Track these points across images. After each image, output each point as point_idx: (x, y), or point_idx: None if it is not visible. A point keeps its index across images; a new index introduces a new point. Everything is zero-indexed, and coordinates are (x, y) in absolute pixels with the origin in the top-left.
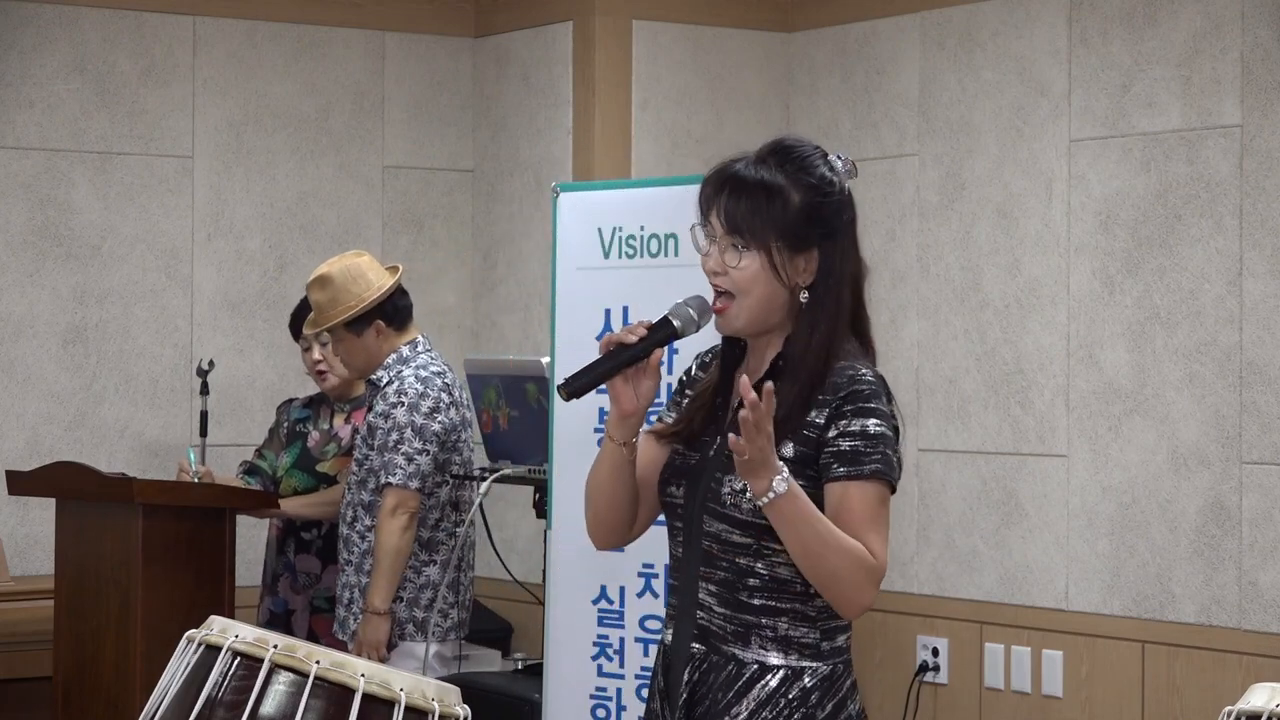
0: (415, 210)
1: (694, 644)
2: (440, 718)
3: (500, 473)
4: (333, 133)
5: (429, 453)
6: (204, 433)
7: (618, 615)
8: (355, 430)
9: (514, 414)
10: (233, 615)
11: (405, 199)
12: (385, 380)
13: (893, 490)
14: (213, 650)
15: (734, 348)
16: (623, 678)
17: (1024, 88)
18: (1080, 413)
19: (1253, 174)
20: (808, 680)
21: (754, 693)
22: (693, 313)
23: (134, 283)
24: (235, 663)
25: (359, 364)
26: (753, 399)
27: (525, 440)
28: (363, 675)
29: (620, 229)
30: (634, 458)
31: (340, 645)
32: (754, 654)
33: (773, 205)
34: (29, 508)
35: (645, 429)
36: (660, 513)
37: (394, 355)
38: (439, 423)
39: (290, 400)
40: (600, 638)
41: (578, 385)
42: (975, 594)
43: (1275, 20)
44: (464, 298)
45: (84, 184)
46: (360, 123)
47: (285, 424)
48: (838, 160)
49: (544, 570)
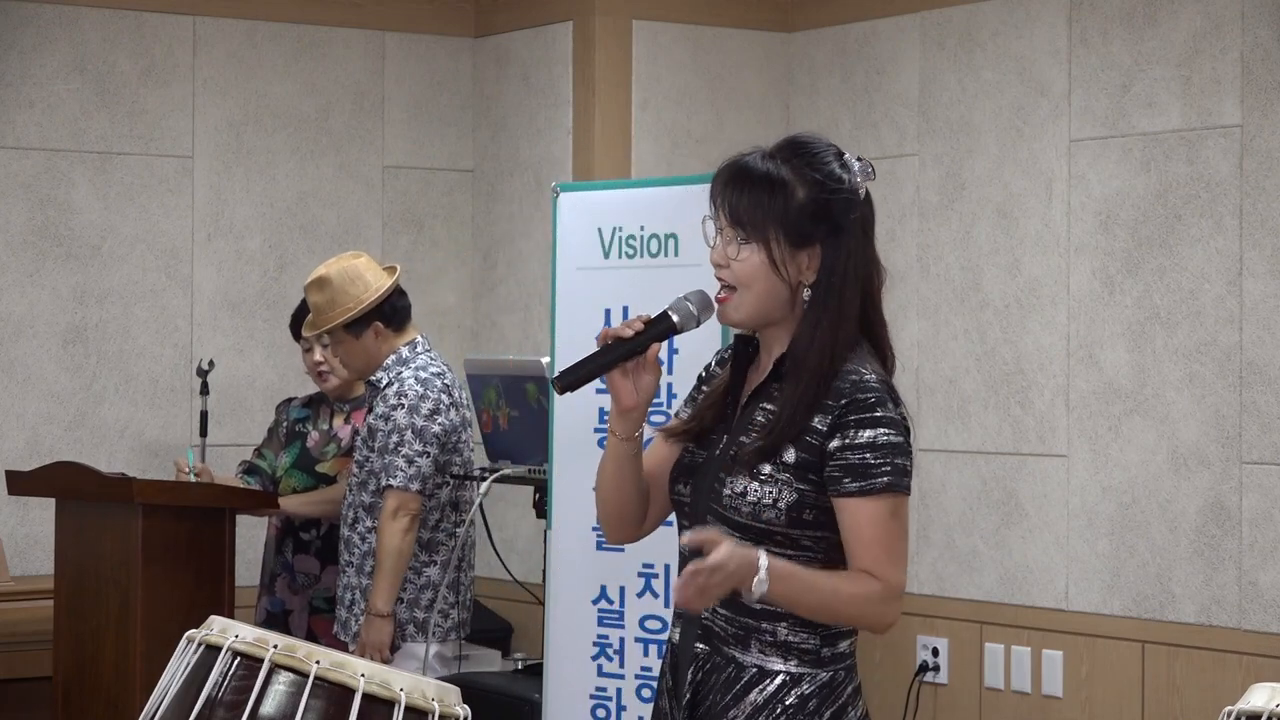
0: (415, 210)
1: (698, 644)
2: (440, 718)
3: (500, 473)
4: (333, 133)
5: (429, 455)
6: (204, 433)
7: (618, 615)
8: (355, 431)
9: (514, 414)
10: (232, 615)
11: (405, 199)
12: (385, 381)
13: (908, 494)
14: (213, 650)
15: (746, 346)
16: (623, 678)
17: (1024, 88)
18: (1080, 413)
19: (1253, 174)
20: (806, 687)
21: (751, 697)
22: (692, 308)
23: (134, 283)
24: (235, 663)
25: (358, 365)
26: (690, 570)
27: (525, 440)
28: (363, 675)
29: (620, 229)
30: (637, 453)
31: (340, 646)
32: (754, 658)
33: (775, 199)
34: (29, 508)
35: (657, 427)
36: (672, 510)
37: (393, 356)
38: (439, 424)
39: (289, 400)
40: (600, 638)
41: (572, 378)
42: (975, 594)
43: (1275, 20)
44: (464, 298)
45: (84, 184)
46: (360, 123)
47: (284, 423)
48: (855, 161)
49: (544, 570)
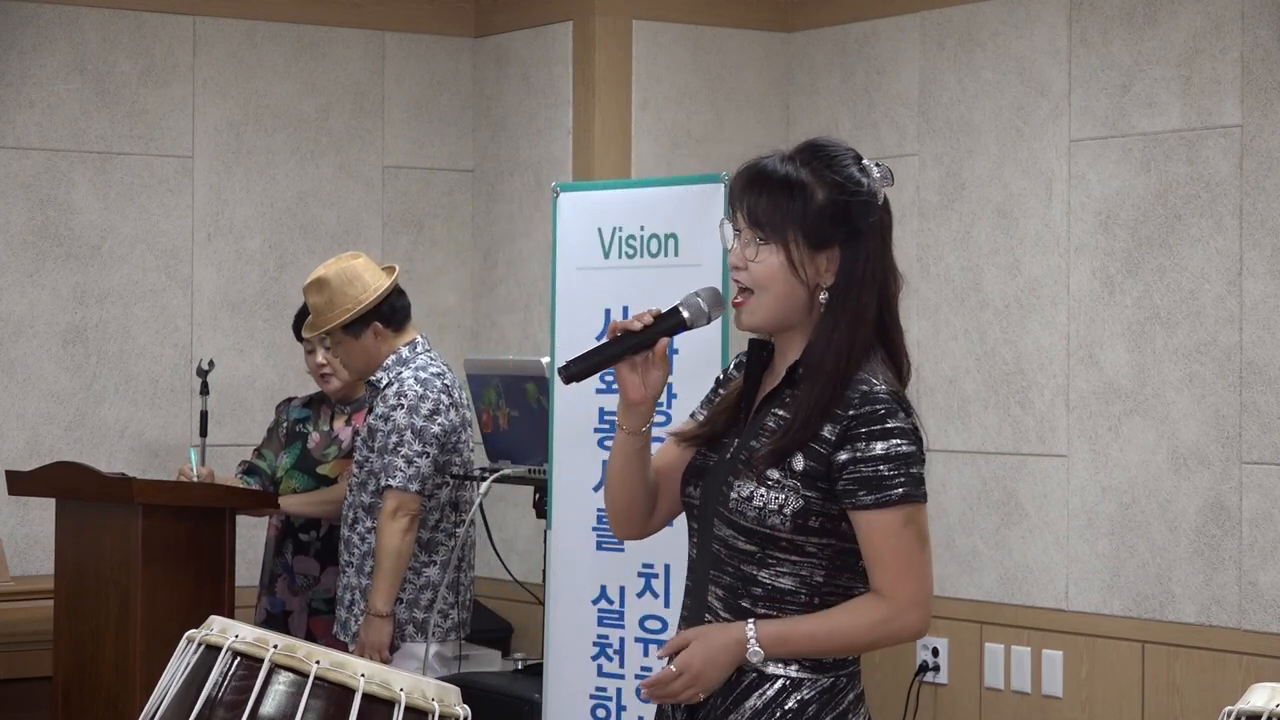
0: (415, 210)
1: None
2: (440, 718)
3: (500, 473)
4: (333, 133)
5: (429, 455)
6: (204, 433)
7: (618, 615)
8: (355, 432)
9: (514, 414)
10: (232, 615)
11: (405, 199)
12: (384, 382)
13: (923, 502)
14: (213, 650)
15: (761, 351)
16: (623, 678)
17: (1024, 88)
18: (1080, 413)
19: (1253, 174)
20: (806, 692)
21: (751, 701)
22: (703, 304)
23: (134, 283)
24: (235, 663)
25: (358, 366)
26: (650, 683)
27: (525, 440)
28: (363, 675)
29: (620, 229)
30: (644, 448)
31: (340, 646)
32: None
33: (794, 201)
34: (29, 508)
35: (670, 429)
36: (682, 510)
37: (393, 356)
38: (438, 425)
39: (290, 399)
40: (600, 638)
41: (577, 369)
42: (975, 594)
43: (1275, 20)
44: (464, 298)
45: (84, 184)
46: (360, 123)
47: (284, 424)
48: (874, 166)
49: (544, 570)
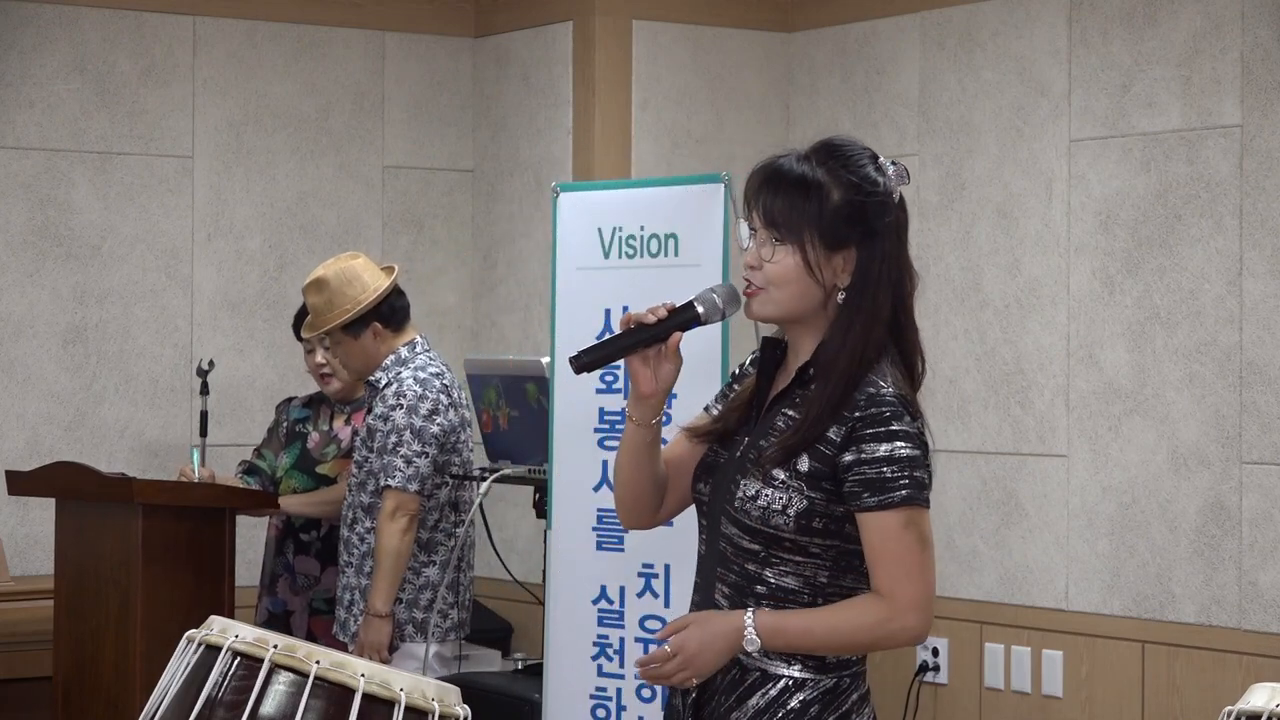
0: (415, 210)
1: None
2: (440, 718)
3: (500, 473)
4: (333, 133)
5: (428, 455)
6: (204, 433)
7: (618, 615)
8: (355, 432)
9: (514, 414)
10: (233, 615)
11: (405, 199)
12: (384, 382)
13: (926, 506)
14: (213, 650)
15: (774, 349)
16: (623, 678)
17: (1024, 88)
18: (1080, 413)
19: (1253, 174)
20: (809, 692)
21: (754, 700)
22: (718, 300)
23: (134, 283)
24: (235, 663)
25: (357, 366)
26: (642, 661)
27: (525, 440)
28: (363, 675)
29: (620, 229)
30: (654, 440)
31: (340, 646)
32: (758, 661)
33: (810, 201)
34: (29, 508)
35: (683, 425)
36: (691, 503)
37: (392, 356)
38: (438, 425)
39: (289, 399)
40: (600, 638)
41: (588, 359)
42: (975, 594)
43: (1275, 20)
44: (464, 298)
45: (84, 184)
46: (360, 123)
47: (284, 423)
48: (889, 165)
49: (544, 570)
